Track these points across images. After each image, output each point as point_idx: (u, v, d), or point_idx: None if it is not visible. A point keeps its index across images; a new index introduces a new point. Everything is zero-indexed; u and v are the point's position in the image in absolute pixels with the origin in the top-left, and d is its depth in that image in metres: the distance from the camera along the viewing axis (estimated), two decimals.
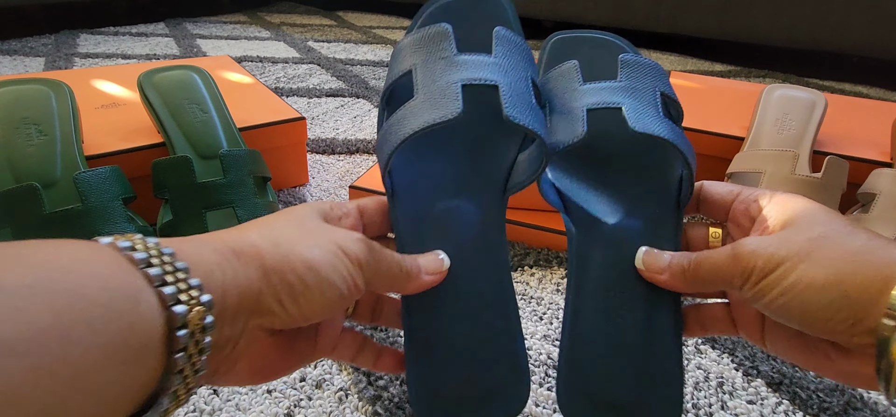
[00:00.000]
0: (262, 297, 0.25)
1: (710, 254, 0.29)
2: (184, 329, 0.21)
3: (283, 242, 0.27)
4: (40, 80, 0.55)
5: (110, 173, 0.48)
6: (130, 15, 1.72)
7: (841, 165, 0.57)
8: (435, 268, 0.32)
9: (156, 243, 0.22)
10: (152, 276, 0.21)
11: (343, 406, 0.41)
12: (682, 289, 0.31)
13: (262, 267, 0.25)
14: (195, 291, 0.22)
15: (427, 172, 0.34)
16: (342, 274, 0.27)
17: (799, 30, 1.37)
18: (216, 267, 0.24)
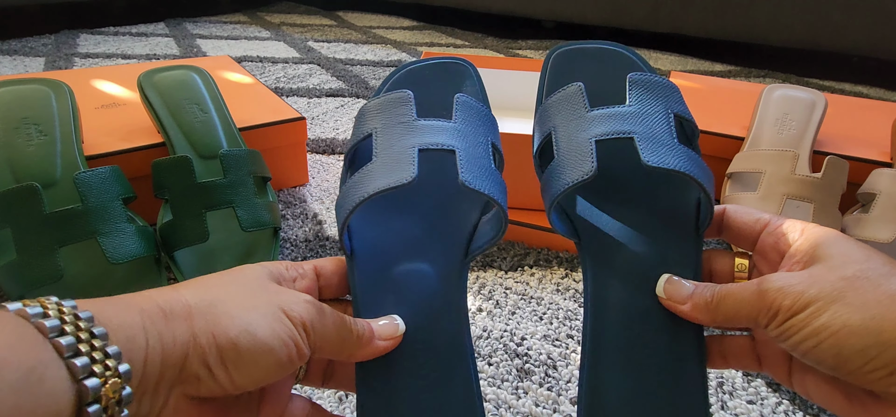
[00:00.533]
0: (188, 362, 0.23)
1: (734, 288, 0.28)
2: (96, 403, 0.19)
3: (218, 303, 0.25)
4: (40, 80, 0.55)
5: (110, 173, 0.48)
6: (130, 15, 1.72)
7: (841, 165, 0.57)
8: (389, 334, 0.30)
9: (72, 306, 0.21)
10: (63, 346, 0.19)
11: (343, 406, 0.41)
12: (704, 322, 0.30)
13: (190, 329, 0.23)
14: (112, 360, 0.20)
15: (387, 234, 0.34)
16: (282, 339, 0.25)
17: (799, 30, 1.37)
18: (140, 330, 0.22)
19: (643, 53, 1.55)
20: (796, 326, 0.25)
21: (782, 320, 0.25)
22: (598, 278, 0.32)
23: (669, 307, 0.31)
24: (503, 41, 1.66)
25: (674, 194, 0.33)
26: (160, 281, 0.48)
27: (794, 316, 0.25)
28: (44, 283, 0.42)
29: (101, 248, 0.44)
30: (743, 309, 0.27)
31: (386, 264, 0.33)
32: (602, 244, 0.33)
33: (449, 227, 0.34)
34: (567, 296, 0.53)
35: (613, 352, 0.31)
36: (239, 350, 0.24)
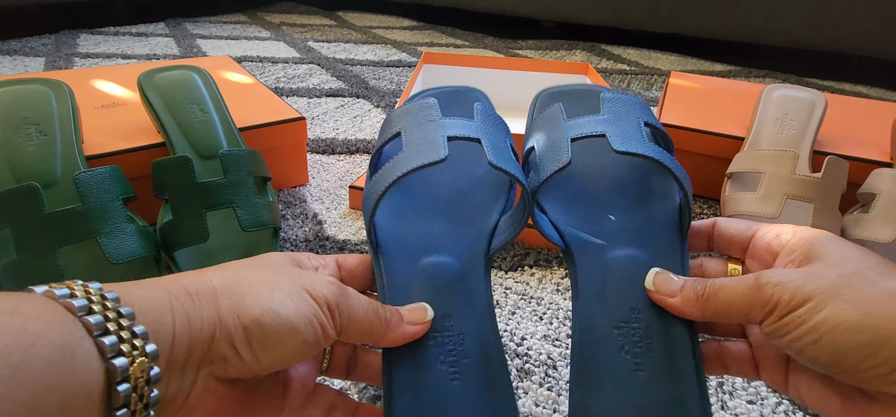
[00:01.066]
0: (215, 342, 0.23)
1: (728, 282, 0.27)
2: (126, 382, 0.19)
3: (243, 284, 0.25)
4: (40, 80, 0.55)
5: (110, 173, 0.48)
6: (130, 15, 1.72)
7: (841, 165, 0.57)
8: (418, 318, 0.30)
9: (98, 288, 0.21)
10: (92, 324, 0.19)
11: None
12: (694, 316, 0.29)
13: (216, 309, 0.23)
14: (139, 340, 0.20)
15: (411, 231, 0.35)
16: (306, 318, 0.25)
17: (799, 30, 1.37)
18: (167, 311, 0.22)
19: (643, 53, 1.56)
20: (794, 322, 0.24)
21: (780, 315, 0.25)
22: (586, 280, 0.33)
23: (658, 300, 0.30)
24: (503, 41, 1.66)
25: (657, 202, 0.35)
26: None
27: (791, 311, 0.24)
28: (44, 283, 0.42)
29: (101, 248, 0.44)
30: (737, 303, 0.26)
31: (411, 258, 0.34)
32: (588, 251, 0.34)
33: (471, 225, 0.36)
34: (567, 296, 0.53)
35: (604, 352, 0.30)
36: (264, 330, 0.24)
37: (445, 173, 0.39)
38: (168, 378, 0.22)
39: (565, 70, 0.93)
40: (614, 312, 0.31)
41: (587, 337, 0.31)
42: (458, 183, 0.38)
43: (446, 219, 0.36)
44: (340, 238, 0.61)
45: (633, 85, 1.25)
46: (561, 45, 1.59)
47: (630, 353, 0.30)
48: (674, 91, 0.82)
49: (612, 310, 0.31)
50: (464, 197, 0.37)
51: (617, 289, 0.32)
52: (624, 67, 1.39)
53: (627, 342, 0.30)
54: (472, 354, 0.31)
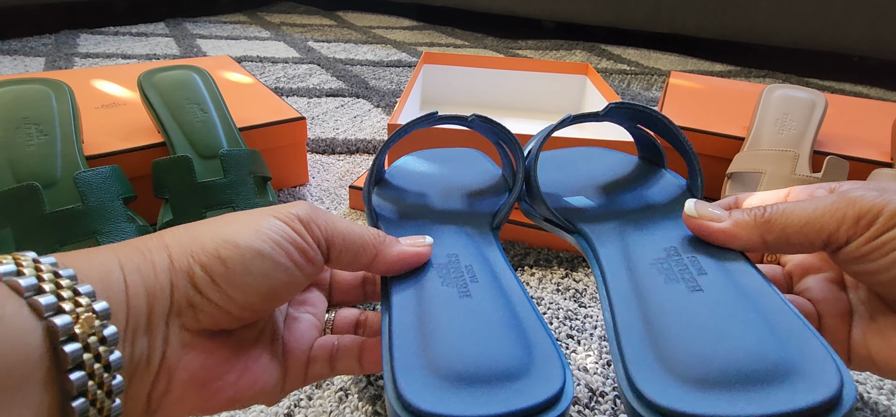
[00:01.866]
0: (175, 289, 0.21)
1: (799, 202, 0.23)
2: (73, 341, 0.18)
3: (195, 228, 0.23)
4: (40, 80, 0.55)
5: (110, 173, 0.48)
6: (130, 15, 1.72)
7: (841, 165, 0.57)
8: (416, 240, 0.28)
9: (32, 256, 0.19)
10: (22, 286, 0.17)
11: (343, 406, 0.41)
12: (752, 242, 0.24)
13: (167, 256, 0.22)
14: (85, 298, 0.18)
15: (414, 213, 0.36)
16: (272, 239, 0.22)
17: (799, 30, 1.37)
18: (115, 267, 0.21)
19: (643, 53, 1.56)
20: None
21: (882, 229, 0.20)
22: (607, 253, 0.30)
23: (701, 229, 0.25)
24: (503, 41, 1.66)
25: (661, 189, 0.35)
26: None
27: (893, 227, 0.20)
28: None
29: None
30: (818, 219, 0.22)
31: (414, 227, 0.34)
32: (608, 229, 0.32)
33: (473, 209, 0.37)
34: (567, 296, 0.53)
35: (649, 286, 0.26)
36: (224, 262, 0.22)
37: (445, 176, 0.40)
38: (132, 339, 0.20)
39: (565, 70, 0.93)
40: (645, 253, 0.28)
41: (619, 278, 0.27)
42: (458, 182, 0.40)
43: (448, 205, 0.37)
44: None
45: (633, 85, 1.25)
46: (561, 45, 1.59)
47: (680, 280, 0.26)
48: (674, 91, 0.82)
49: (642, 252, 0.28)
50: (466, 190, 0.39)
51: (640, 239, 0.29)
52: (624, 67, 1.39)
53: (672, 272, 0.26)
54: (482, 279, 0.28)
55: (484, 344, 0.24)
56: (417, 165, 0.43)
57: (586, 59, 1.45)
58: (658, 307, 0.25)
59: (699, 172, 0.33)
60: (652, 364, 0.22)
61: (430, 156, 0.44)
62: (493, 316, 0.26)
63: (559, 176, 0.40)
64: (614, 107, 0.33)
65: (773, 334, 0.22)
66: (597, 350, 0.47)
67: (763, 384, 0.20)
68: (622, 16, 1.55)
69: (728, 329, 0.23)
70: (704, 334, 0.23)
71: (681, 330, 0.23)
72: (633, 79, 1.29)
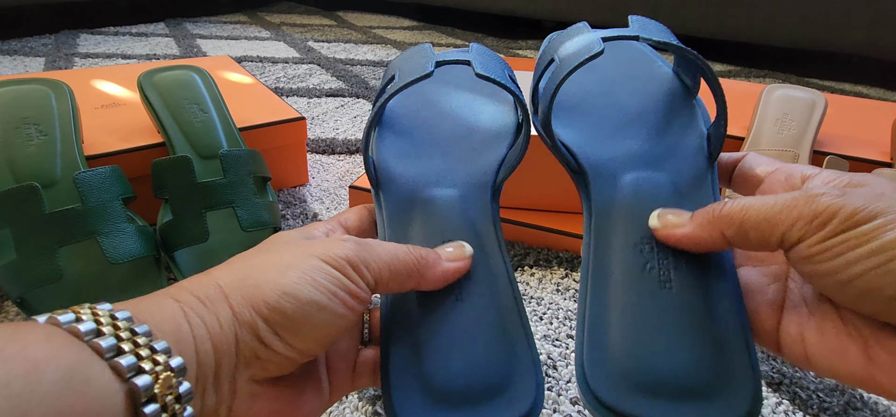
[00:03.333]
0: (240, 342, 0.21)
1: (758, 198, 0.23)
2: (152, 403, 0.18)
3: (250, 274, 0.23)
4: (40, 80, 0.55)
5: (110, 173, 0.48)
6: (130, 15, 1.72)
7: (841, 165, 0.57)
8: (458, 256, 0.28)
9: (108, 309, 0.19)
10: (103, 347, 0.18)
11: (343, 407, 0.41)
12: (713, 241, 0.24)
13: (229, 308, 0.22)
14: (162, 356, 0.19)
15: (414, 168, 0.34)
16: (328, 289, 0.23)
17: (799, 30, 1.37)
18: (183, 321, 0.21)
19: None
20: (855, 240, 0.20)
21: (836, 231, 0.20)
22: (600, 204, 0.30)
23: (666, 237, 0.26)
24: (503, 41, 1.66)
25: (678, 132, 0.33)
26: (160, 281, 0.48)
27: (854, 227, 0.20)
28: (44, 283, 0.42)
29: (101, 248, 0.44)
30: (775, 215, 0.22)
31: (412, 190, 0.33)
32: (607, 175, 0.31)
33: (475, 162, 0.34)
34: (567, 296, 0.53)
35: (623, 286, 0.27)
36: (286, 314, 0.22)
37: (448, 119, 0.37)
38: (201, 392, 0.20)
39: None
40: (633, 230, 0.28)
41: (602, 255, 0.28)
42: (461, 127, 0.37)
43: (450, 157, 0.35)
44: None
45: None
46: None
47: (655, 268, 0.26)
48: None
49: (632, 229, 0.28)
50: (468, 137, 0.36)
51: (636, 209, 0.29)
52: None
53: (651, 258, 0.27)
54: (476, 275, 0.29)
55: (470, 359, 0.26)
56: (421, 96, 0.39)
57: None
58: (627, 300, 0.26)
59: (724, 117, 0.30)
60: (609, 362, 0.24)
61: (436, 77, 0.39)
62: (482, 325, 0.27)
63: (585, 85, 0.36)
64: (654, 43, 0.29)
65: (715, 350, 0.24)
66: None
67: (691, 399, 0.23)
68: (622, 16, 1.55)
69: (678, 339, 0.24)
70: (656, 339, 0.24)
71: (640, 333, 0.25)
72: None
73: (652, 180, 0.30)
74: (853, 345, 0.22)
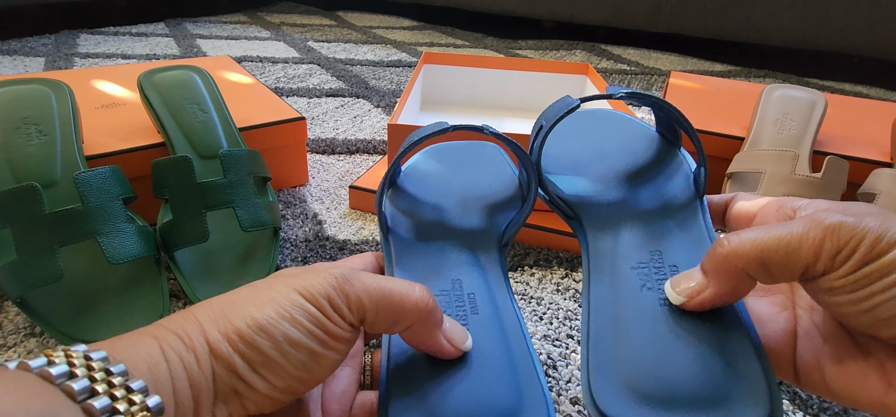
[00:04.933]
0: (217, 377, 0.21)
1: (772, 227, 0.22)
2: None
3: (229, 308, 0.22)
4: (40, 80, 0.55)
5: (110, 173, 0.48)
6: (130, 15, 1.72)
7: (841, 165, 0.57)
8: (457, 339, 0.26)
9: (82, 350, 0.19)
10: (75, 390, 0.17)
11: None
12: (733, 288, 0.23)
13: (205, 342, 0.21)
14: (138, 395, 0.18)
15: (425, 219, 0.36)
16: (305, 327, 0.22)
17: (799, 30, 1.37)
18: (159, 358, 0.20)
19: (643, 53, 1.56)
20: (880, 272, 0.19)
21: (861, 262, 0.20)
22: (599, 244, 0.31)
23: (696, 307, 0.25)
24: (503, 41, 1.66)
25: (666, 178, 0.35)
26: (160, 281, 0.48)
27: (877, 258, 0.20)
28: (44, 283, 0.42)
29: (101, 248, 0.44)
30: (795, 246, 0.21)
31: (421, 239, 0.34)
32: (601, 211, 0.33)
33: (484, 220, 0.36)
34: (567, 296, 0.53)
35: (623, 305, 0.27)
36: (261, 351, 0.21)
37: (462, 177, 0.40)
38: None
39: (565, 70, 0.93)
40: (631, 256, 0.29)
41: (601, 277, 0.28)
42: (474, 187, 0.39)
43: (461, 212, 0.37)
44: (340, 238, 0.61)
45: (633, 85, 1.25)
46: (561, 45, 1.59)
47: (653, 289, 0.27)
48: (674, 91, 0.82)
49: (629, 255, 0.29)
50: (479, 198, 0.38)
51: (631, 240, 0.30)
52: (624, 67, 1.39)
53: (649, 279, 0.27)
54: (482, 311, 0.29)
55: (477, 392, 0.26)
56: (432, 165, 0.42)
57: (586, 59, 1.45)
58: (628, 316, 0.26)
59: (702, 163, 0.32)
60: (613, 379, 0.24)
61: (446, 153, 0.43)
62: (489, 358, 0.27)
63: (570, 145, 0.39)
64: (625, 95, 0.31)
65: (722, 359, 0.24)
66: None
67: (706, 408, 0.23)
68: (622, 16, 1.55)
69: (682, 349, 0.24)
70: (661, 352, 0.25)
71: (642, 346, 0.25)
72: (633, 79, 1.29)
73: (644, 214, 0.32)
74: (871, 372, 0.22)
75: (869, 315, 0.20)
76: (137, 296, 0.46)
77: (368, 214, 0.66)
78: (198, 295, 0.47)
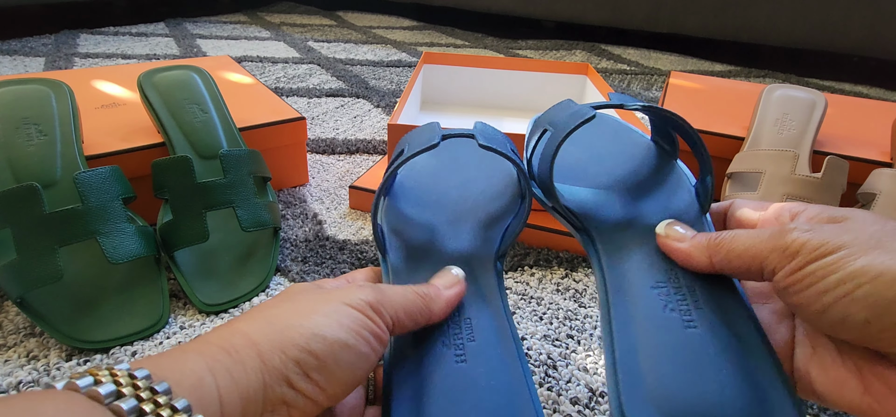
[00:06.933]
0: (268, 390, 0.22)
1: (744, 231, 0.25)
2: None
3: (278, 320, 0.24)
4: (40, 80, 0.55)
5: (110, 173, 0.48)
6: (130, 15, 1.72)
7: (841, 165, 0.57)
8: (450, 282, 0.30)
9: (126, 369, 0.19)
10: (124, 410, 0.18)
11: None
12: (702, 264, 0.27)
13: (257, 355, 0.22)
14: (183, 415, 0.19)
15: (421, 234, 0.36)
16: (354, 330, 0.24)
17: (799, 30, 1.37)
18: (206, 373, 0.21)
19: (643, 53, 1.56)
20: (822, 271, 0.21)
21: (805, 262, 0.22)
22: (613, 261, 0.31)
23: (667, 247, 0.28)
24: (503, 41, 1.66)
25: (671, 190, 0.35)
26: (160, 281, 0.48)
27: (820, 258, 0.21)
28: (44, 283, 0.42)
29: (101, 248, 0.44)
30: (753, 248, 0.24)
31: (419, 257, 0.35)
32: (611, 231, 0.33)
33: (481, 230, 0.36)
34: (567, 296, 0.53)
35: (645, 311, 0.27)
36: (316, 356, 0.23)
37: (454, 190, 0.40)
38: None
39: (565, 70, 0.93)
40: (647, 276, 0.29)
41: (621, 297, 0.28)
42: (472, 188, 0.39)
43: (456, 227, 0.37)
44: (340, 238, 0.61)
45: (633, 85, 1.25)
46: (561, 45, 1.59)
47: (676, 311, 0.27)
48: (674, 91, 0.82)
49: (645, 275, 0.29)
50: (473, 209, 0.38)
51: (645, 259, 0.30)
52: (624, 67, 1.39)
53: (670, 300, 0.28)
54: (480, 338, 0.30)
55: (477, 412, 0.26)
56: (429, 163, 0.42)
57: (586, 59, 1.45)
58: (654, 338, 0.26)
59: (710, 172, 0.32)
60: (644, 400, 0.24)
61: (443, 147, 0.42)
62: (486, 390, 0.27)
63: (574, 154, 0.39)
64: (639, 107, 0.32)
65: (749, 383, 0.24)
66: (597, 351, 0.47)
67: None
68: (622, 16, 1.55)
69: (712, 374, 0.25)
70: (691, 376, 0.25)
71: (672, 369, 0.25)
72: (633, 79, 1.29)
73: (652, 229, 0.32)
74: (850, 376, 0.23)
75: (824, 317, 0.22)
76: (137, 296, 0.46)
77: (368, 214, 0.66)
78: (198, 295, 0.47)
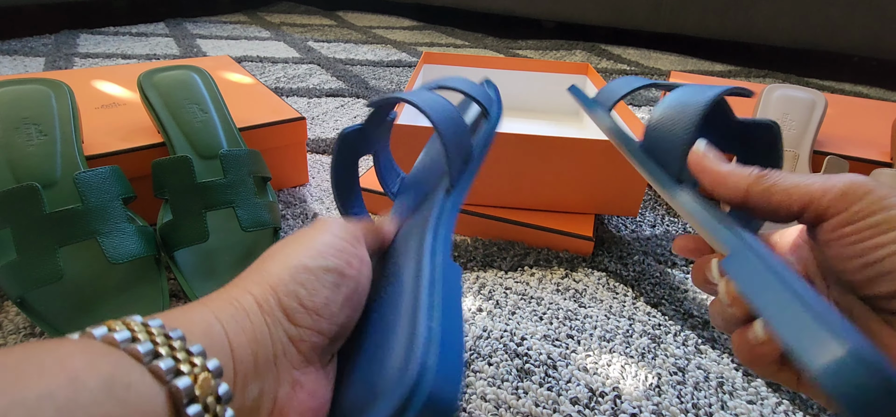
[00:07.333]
0: (271, 329, 0.23)
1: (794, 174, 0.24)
2: (194, 404, 0.18)
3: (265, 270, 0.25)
4: (40, 80, 0.55)
5: (110, 173, 0.48)
6: (130, 15, 1.72)
7: (841, 165, 0.57)
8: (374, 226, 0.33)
9: (139, 319, 0.20)
10: (141, 352, 0.18)
11: None
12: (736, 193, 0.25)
13: (256, 302, 0.23)
14: (198, 358, 0.19)
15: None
16: (332, 255, 0.26)
17: (799, 30, 1.37)
18: (214, 322, 0.21)
19: (643, 53, 1.56)
20: (887, 224, 0.20)
21: (868, 211, 0.21)
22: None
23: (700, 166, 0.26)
24: (503, 41, 1.66)
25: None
26: (160, 281, 0.48)
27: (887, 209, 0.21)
28: (44, 283, 0.42)
29: (101, 248, 0.44)
30: (802, 186, 0.23)
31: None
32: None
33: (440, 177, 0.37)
34: (567, 296, 0.53)
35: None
36: (304, 285, 0.24)
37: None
38: (242, 387, 0.21)
39: (565, 70, 0.93)
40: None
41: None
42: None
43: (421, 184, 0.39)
44: None
45: None
46: (561, 45, 1.59)
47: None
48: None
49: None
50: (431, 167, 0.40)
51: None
52: (624, 67, 1.39)
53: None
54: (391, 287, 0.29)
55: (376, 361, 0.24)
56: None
57: (586, 59, 1.45)
58: None
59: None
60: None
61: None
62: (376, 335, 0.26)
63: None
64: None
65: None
66: (597, 351, 0.47)
67: None
68: (622, 16, 1.55)
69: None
70: None
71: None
72: None
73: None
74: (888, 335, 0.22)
75: (871, 269, 0.21)
76: (137, 296, 0.46)
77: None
78: (198, 295, 0.47)
